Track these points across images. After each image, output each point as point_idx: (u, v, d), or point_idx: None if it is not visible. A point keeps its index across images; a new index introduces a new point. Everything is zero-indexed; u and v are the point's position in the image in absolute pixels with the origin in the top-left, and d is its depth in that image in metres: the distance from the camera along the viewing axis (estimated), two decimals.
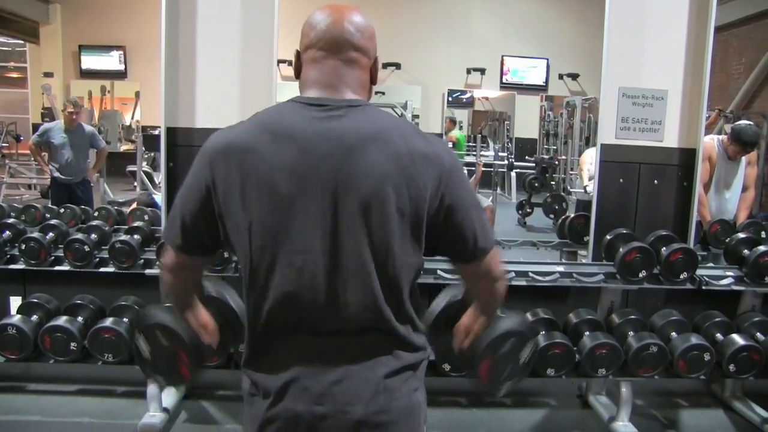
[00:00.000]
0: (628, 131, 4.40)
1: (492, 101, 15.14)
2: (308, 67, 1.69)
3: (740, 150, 5.40)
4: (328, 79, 1.66)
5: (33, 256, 4.05)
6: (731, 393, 4.48)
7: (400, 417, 1.63)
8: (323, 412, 1.57)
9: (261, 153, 1.56)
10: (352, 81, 1.67)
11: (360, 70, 1.69)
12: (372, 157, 1.55)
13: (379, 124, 1.60)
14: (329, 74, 1.66)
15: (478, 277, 1.74)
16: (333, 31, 1.65)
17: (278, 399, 1.60)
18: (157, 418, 3.87)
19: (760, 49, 10.94)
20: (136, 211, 5.19)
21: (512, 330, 1.88)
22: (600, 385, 4.40)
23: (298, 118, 1.59)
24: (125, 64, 14.24)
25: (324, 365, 1.59)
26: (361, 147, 1.56)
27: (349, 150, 1.55)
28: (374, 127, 1.59)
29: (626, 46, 4.36)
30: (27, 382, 4.43)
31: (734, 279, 4.14)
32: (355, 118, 1.59)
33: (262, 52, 4.23)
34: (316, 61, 1.67)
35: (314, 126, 1.57)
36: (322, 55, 1.66)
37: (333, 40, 1.65)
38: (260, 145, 1.56)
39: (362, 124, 1.59)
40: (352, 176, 1.54)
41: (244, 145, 1.58)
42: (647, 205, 4.47)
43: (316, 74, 1.67)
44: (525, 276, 4.05)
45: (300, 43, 1.72)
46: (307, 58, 1.69)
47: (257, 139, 1.57)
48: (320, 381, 1.58)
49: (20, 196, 11.48)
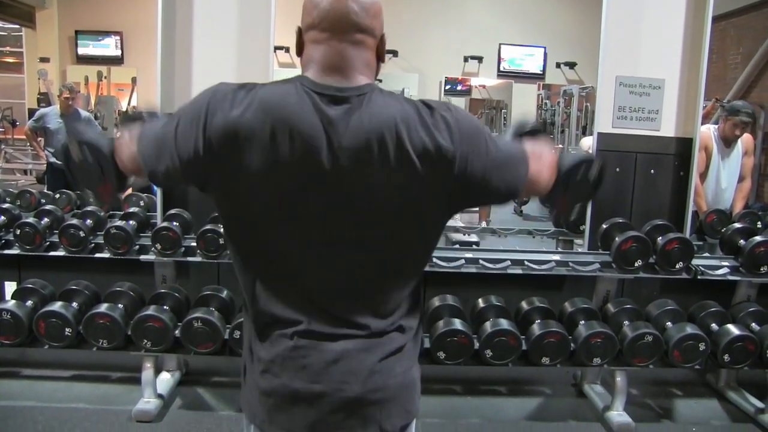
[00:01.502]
0: (625, 120, 4.40)
1: (489, 90, 15.09)
2: (311, 47, 1.61)
3: (737, 125, 5.34)
4: (333, 62, 1.58)
5: (28, 241, 4.04)
6: (726, 383, 4.50)
7: (395, 394, 1.64)
8: (321, 390, 1.57)
9: (263, 146, 1.49)
10: (358, 63, 1.60)
11: (366, 50, 1.62)
12: (374, 153, 1.50)
13: (385, 117, 1.53)
14: (334, 56, 1.58)
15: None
16: (337, 11, 1.56)
17: (276, 375, 1.60)
18: (151, 404, 3.88)
19: (758, 39, 10.91)
20: (131, 197, 5.19)
21: (578, 160, 1.90)
22: (595, 374, 4.41)
23: (304, 108, 1.52)
24: (122, 50, 14.18)
25: (322, 344, 1.59)
26: (365, 145, 1.50)
27: (352, 147, 1.51)
28: (379, 120, 1.53)
29: (624, 34, 4.35)
30: (22, 367, 4.44)
31: (730, 269, 4.15)
32: (360, 110, 1.53)
33: (258, 38, 4.22)
34: (320, 43, 1.59)
35: (317, 119, 1.51)
36: (326, 37, 1.58)
37: (337, 20, 1.56)
38: (263, 136, 1.49)
39: (366, 116, 1.53)
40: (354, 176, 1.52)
41: (248, 134, 1.49)
42: (643, 194, 4.47)
43: (320, 56, 1.58)
44: (521, 264, 4.05)
45: (301, 20, 1.63)
46: (310, 38, 1.61)
47: (262, 128, 1.49)
48: (318, 359, 1.58)
49: (16, 181, 11.43)
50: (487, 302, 4.10)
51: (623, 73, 4.37)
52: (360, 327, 1.60)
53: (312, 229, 1.56)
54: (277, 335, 1.61)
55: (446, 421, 4.02)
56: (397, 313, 1.65)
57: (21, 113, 13.42)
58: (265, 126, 1.49)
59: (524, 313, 4.08)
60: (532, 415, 4.20)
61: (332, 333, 1.59)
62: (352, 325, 1.59)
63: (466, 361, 3.78)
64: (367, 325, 1.60)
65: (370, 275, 1.60)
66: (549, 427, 4.09)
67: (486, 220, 8.42)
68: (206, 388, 4.24)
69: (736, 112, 5.33)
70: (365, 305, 1.61)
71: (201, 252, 3.98)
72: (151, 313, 3.73)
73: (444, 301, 4.08)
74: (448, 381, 4.42)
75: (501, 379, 4.54)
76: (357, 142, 1.50)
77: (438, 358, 3.71)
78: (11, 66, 15.42)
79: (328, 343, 1.58)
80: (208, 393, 4.20)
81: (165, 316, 3.74)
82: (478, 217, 8.27)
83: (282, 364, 1.59)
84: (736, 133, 5.38)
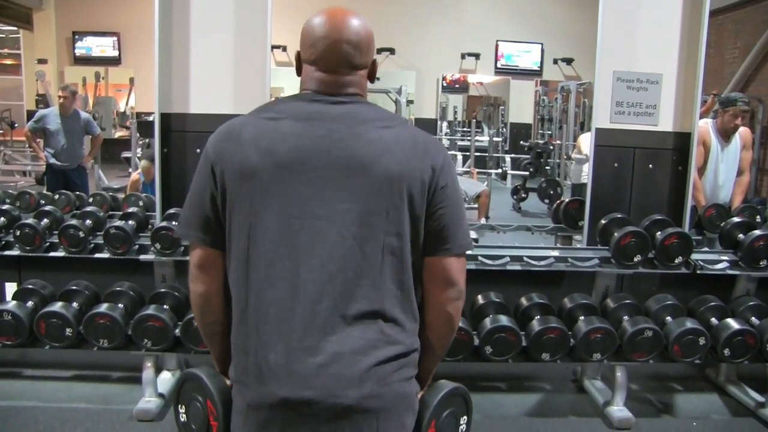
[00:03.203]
0: (623, 115, 4.40)
1: (487, 86, 15.13)
2: (309, 77, 1.75)
3: (736, 114, 5.32)
4: (327, 89, 1.72)
5: (28, 242, 4.05)
6: (726, 377, 4.50)
7: (392, 404, 1.61)
8: (311, 397, 1.53)
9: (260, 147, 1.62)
10: (350, 88, 1.74)
11: (359, 77, 1.76)
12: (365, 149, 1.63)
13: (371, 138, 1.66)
14: (329, 85, 1.72)
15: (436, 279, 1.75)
16: (332, 53, 1.70)
17: (263, 383, 1.57)
18: (152, 403, 3.88)
19: (756, 33, 10.92)
20: (130, 197, 5.19)
21: (455, 390, 1.90)
22: (595, 369, 4.41)
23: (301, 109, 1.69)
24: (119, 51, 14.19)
25: (311, 348, 1.56)
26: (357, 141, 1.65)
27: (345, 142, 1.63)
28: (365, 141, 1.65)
29: (621, 29, 4.35)
30: (22, 367, 4.44)
31: (729, 263, 4.14)
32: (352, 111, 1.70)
33: (255, 37, 4.22)
34: (316, 78, 1.73)
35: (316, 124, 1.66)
36: (322, 76, 1.72)
37: (332, 62, 1.71)
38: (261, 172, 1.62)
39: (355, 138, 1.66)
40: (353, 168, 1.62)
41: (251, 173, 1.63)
42: (642, 189, 4.47)
43: (318, 86, 1.73)
44: (520, 261, 4.05)
45: (300, 48, 1.77)
46: (308, 70, 1.75)
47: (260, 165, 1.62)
48: (308, 363, 1.55)
49: (15, 182, 11.44)
50: (487, 299, 4.10)
51: (621, 69, 4.37)
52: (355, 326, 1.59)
53: (305, 226, 1.60)
54: (268, 344, 1.59)
55: None
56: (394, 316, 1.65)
57: (19, 115, 13.45)
58: (263, 164, 1.63)
59: (524, 309, 4.08)
60: (533, 411, 4.21)
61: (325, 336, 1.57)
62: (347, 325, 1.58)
63: (466, 358, 3.78)
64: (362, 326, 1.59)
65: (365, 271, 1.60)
66: (549, 422, 4.09)
67: (485, 216, 8.42)
68: None
69: (734, 101, 5.33)
70: (361, 307, 1.60)
71: None
72: (151, 313, 3.74)
73: None
74: (448, 377, 4.38)
75: (501, 375, 4.54)
76: (349, 137, 1.64)
77: None
78: (9, 68, 15.43)
79: (322, 345, 1.56)
80: None
81: (165, 316, 3.74)
82: (476, 213, 8.27)
83: (270, 371, 1.57)
84: (736, 123, 5.36)
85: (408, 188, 1.62)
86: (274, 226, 1.60)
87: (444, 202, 1.69)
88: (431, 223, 1.68)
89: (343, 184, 1.61)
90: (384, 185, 1.61)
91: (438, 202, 1.68)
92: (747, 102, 5.43)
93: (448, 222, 1.69)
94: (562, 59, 14.31)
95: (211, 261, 1.72)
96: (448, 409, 1.84)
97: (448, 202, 1.70)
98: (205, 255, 1.71)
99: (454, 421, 1.86)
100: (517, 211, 10.89)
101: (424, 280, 1.74)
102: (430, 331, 1.77)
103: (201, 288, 1.74)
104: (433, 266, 1.72)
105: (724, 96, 5.58)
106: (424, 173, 1.65)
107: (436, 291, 1.73)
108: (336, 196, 1.60)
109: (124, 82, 14.11)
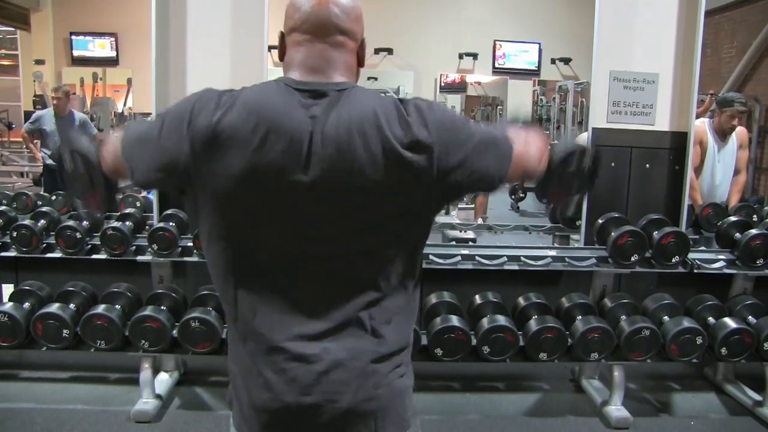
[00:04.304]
0: (620, 115, 4.41)
1: (484, 86, 15.10)
2: (293, 49, 1.64)
3: (733, 115, 5.32)
4: (314, 63, 1.61)
5: (24, 243, 4.04)
6: (723, 376, 4.51)
7: (387, 403, 1.61)
8: (312, 403, 1.54)
9: (247, 145, 1.49)
10: (339, 64, 1.62)
11: (347, 53, 1.64)
12: (357, 147, 1.50)
13: (365, 110, 1.53)
14: (315, 57, 1.61)
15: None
16: (318, 14, 1.59)
17: (266, 389, 1.56)
18: (150, 404, 3.88)
19: (752, 33, 10.91)
20: (127, 198, 5.19)
21: (570, 149, 1.86)
22: (592, 369, 4.42)
23: (287, 104, 1.53)
24: (117, 51, 14.16)
25: (311, 354, 1.54)
26: (347, 138, 1.50)
27: (336, 141, 1.50)
28: (359, 113, 1.53)
29: (617, 29, 4.36)
30: (20, 369, 4.44)
31: (726, 262, 4.15)
32: (340, 104, 1.54)
33: (252, 38, 4.22)
34: (301, 44, 1.62)
35: (301, 114, 1.52)
36: (307, 39, 1.61)
37: (318, 23, 1.60)
38: (247, 136, 1.49)
39: (346, 109, 1.53)
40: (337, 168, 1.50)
41: (231, 134, 1.50)
42: (639, 188, 4.48)
43: (301, 57, 1.61)
44: (517, 260, 4.06)
45: (284, 25, 1.66)
46: (292, 41, 1.64)
47: (245, 127, 1.50)
48: (309, 370, 1.54)
49: (12, 184, 11.42)
50: (484, 298, 4.10)
51: (617, 68, 4.37)
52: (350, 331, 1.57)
53: (298, 227, 1.54)
54: (261, 347, 1.57)
55: (444, 418, 4.03)
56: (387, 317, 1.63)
57: (17, 116, 13.41)
58: (248, 125, 1.50)
59: (521, 309, 4.09)
60: (530, 411, 4.21)
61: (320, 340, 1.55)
62: (342, 330, 1.56)
63: (463, 358, 3.78)
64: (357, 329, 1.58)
65: (358, 273, 1.58)
66: (547, 422, 4.09)
67: (482, 216, 8.42)
68: (204, 388, 4.24)
69: (730, 102, 5.34)
70: (354, 306, 1.57)
71: (197, 252, 3.97)
72: (148, 314, 3.74)
73: (441, 298, 4.08)
74: (446, 378, 4.41)
75: (499, 375, 4.53)
76: (339, 135, 1.50)
77: (435, 354, 3.71)
78: (6, 68, 15.42)
79: (318, 351, 1.54)
80: (206, 393, 4.20)
81: (162, 317, 3.74)
82: (474, 213, 8.27)
83: (272, 377, 1.55)
84: (733, 124, 5.38)
85: (406, 187, 1.55)
86: (265, 232, 1.55)
87: (459, 161, 1.54)
88: (466, 179, 1.56)
89: (337, 189, 1.54)
90: (381, 186, 1.54)
91: (451, 169, 1.54)
92: (744, 103, 5.44)
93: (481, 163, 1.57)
94: (560, 59, 14.28)
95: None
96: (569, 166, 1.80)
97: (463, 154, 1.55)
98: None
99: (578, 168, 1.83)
100: (515, 210, 10.89)
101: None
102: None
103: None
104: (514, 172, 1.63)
105: (722, 96, 5.59)
106: (419, 167, 1.53)
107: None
108: (330, 199, 1.54)
109: (122, 83, 14.09)
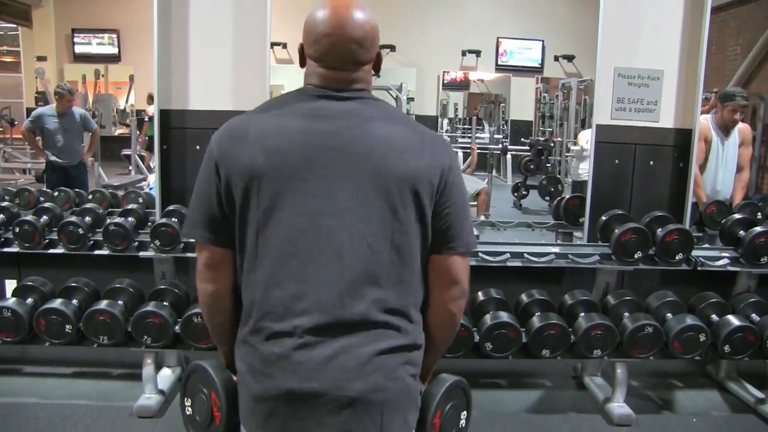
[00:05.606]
0: (624, 112, 4.39)
1: (487, 83, 15.10)
2: (313, 72, 1.72)
3: (735, 109, 5.31)
4: (334, 85, 1.69)
5: (27, 239, 4.04)
6: (726, 374, 4.50)
7: (396, 398, 1.61)
8: (318, 389, 1.54)
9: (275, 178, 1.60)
10: (357, 83, 1.71)
11: (364, 72, 1.73)
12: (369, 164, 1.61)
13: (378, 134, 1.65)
14: (336, 83, 1.69)
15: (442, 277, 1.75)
16: (337, 51, 1.66)
17: (268, 376, 1.57)
18: (152, 400, 3.88)
19: (757, 30, 10.89)
20: (130, 194, 5.19)
21: (458, 383, 1.89)
22: (595, 366, 4.41)
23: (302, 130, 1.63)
24: (119, 48, 14.17)
25: (317, 340, 1.56)
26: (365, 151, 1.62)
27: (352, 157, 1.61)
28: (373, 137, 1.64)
29: (622, 25, 4.35)
30: (23, 364, 4.44)
31: (730, 260, 4.15)
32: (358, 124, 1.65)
33: (254, 34, 4.22)
34: (320, 74, 1.70)
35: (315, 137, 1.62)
36: (327, 73, 1.69)
37: (337, 60, 1.67)
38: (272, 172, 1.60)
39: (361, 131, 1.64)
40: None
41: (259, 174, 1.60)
42: (643, 186, 4.47)
43: (322, 81, 1.70)
44: (520, 257, 4.05)
45: (303, 41, 1.72)
46: (311, 66, 1.72)
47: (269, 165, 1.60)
48: (314, 356, 1.55)
49: (15, 180, 11.42)
50: (487, 295, 4.10)
51: (622, 65, 4.36)
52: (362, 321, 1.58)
53: (314, 230, 1.59)
54: (276, 336, 1.59)
55: None
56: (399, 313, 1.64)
57: (19, 112, 13.42)
58: (271, 163, 1.61)
59: (524, 305, 4.08)
60: (533, 408, 4.20)
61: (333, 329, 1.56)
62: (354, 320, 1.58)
63: (466, 354, 3.78)
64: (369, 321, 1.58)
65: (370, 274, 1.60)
66: (549, 419, 4.08)
67: (485, 213, 8.41)
68: None
69: (732, 96, 5.33)
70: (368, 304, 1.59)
71: None
72: (150, 310, 3.74)
73: None
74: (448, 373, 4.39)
75: (501, 372, 4.54)
76: (356, 150, 1.62)
77: None
78: (8, 65, 15.41)
79: (329, 339, 1.56)
80: None
81: (165, 312, 3.74)
82: (476, 210, 8.26)
83: (276, 363, 1.57)
84: (735, 118, 5.37)
85: (416, 187, 1.62)
86: (282, 225, 1.59)
87: (450, 201, 1.69)
88: (437, 222, 1.69)
89: (351, 182, 1.60)
90: (392, 184, 1.60)
91: (444, 201, 1.68)
92: (746, 97, 5.43)
93: (454, 221, 1.70)
94: (563, 56, 14.29)
95: (219, 260, 1.70)
96: (451, 401, 1.84)
97: (454, 201, 1.70)
98: (213, 254, 1.69)
99: (456, 414, 1.86)
100: (517, 208, 10.87)
101: (428, 277, 1.74)
102: (432, 328, 1.78)
103: (210, 288, 1.72)
104: (438, 264, 1.72)
105: (723, 92, 5.58)
106: (432, 173, 1.65)
107: (439, 289, 1.74)
108: (344, 194, 1.59)
109: (124, 80, 14.10)
